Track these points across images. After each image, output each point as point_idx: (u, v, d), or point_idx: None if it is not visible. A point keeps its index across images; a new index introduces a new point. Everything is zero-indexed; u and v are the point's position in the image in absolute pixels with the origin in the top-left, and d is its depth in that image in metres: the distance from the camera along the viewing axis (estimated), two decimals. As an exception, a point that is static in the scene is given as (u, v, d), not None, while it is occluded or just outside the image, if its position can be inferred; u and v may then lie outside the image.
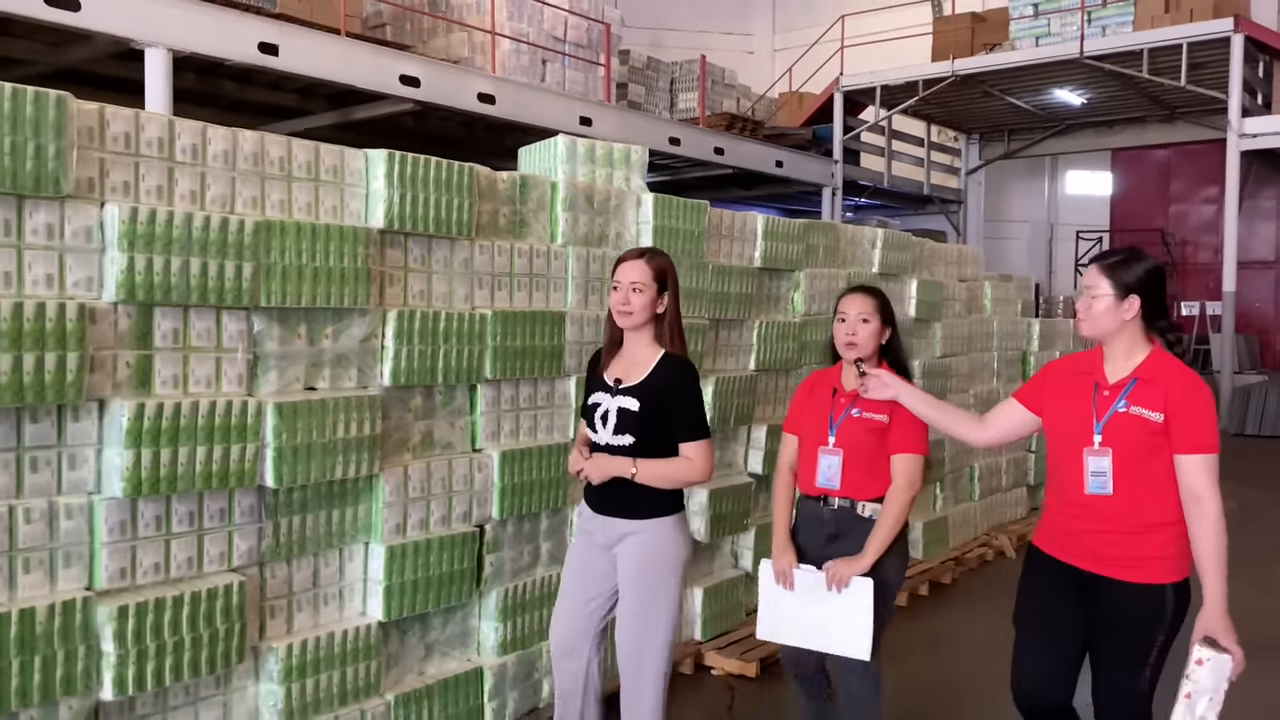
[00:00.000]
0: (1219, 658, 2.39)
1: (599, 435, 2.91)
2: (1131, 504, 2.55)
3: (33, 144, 2.40)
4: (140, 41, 7.66)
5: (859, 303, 3.11)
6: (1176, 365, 2.58)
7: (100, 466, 2.58)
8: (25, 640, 2.40)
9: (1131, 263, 2.59)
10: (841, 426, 3.07)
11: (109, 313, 2.56)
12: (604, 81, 11.94)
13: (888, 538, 2.96)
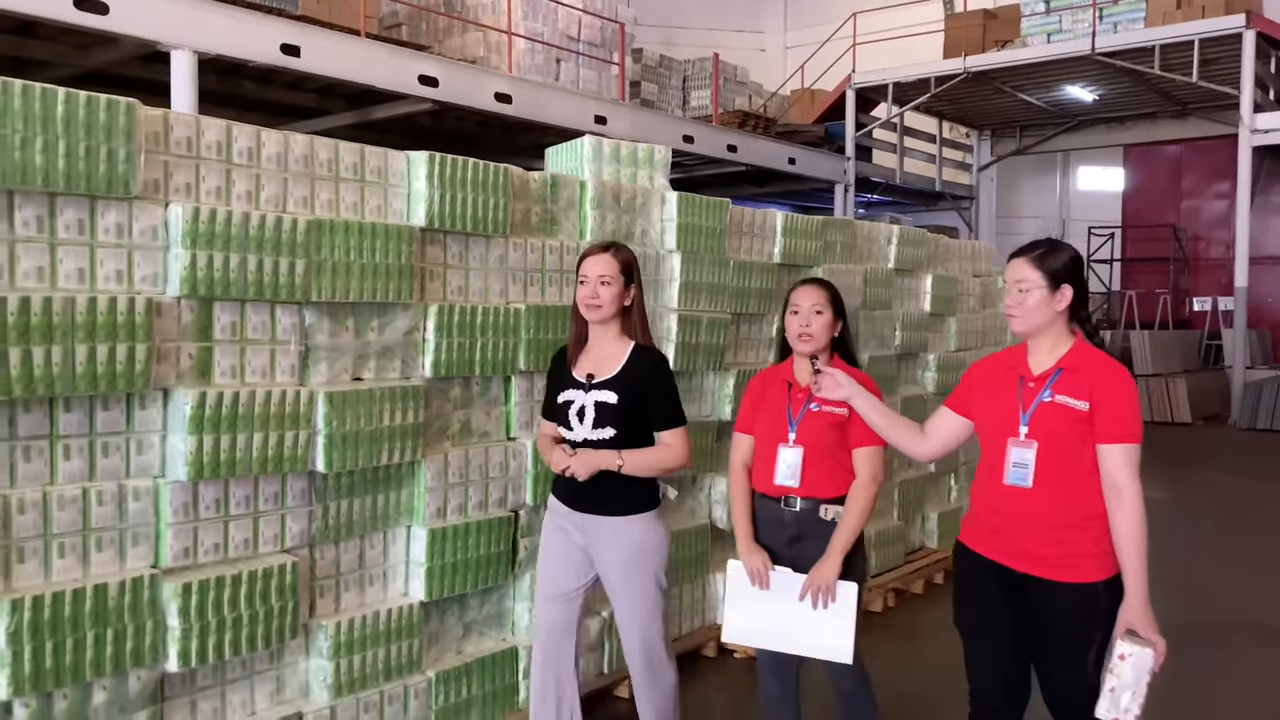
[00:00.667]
0: (1141, 651, 2.38)
1: (575, 432, 2.93)
2: (1056, 498, 2.50)
3: (104, 148, 2.57)
4: (166, 44, 7.85)
5: (812, 294, 3.08)
6: (1100, 355, 2.55)
7: (165, 452, 2.75)
8: (98, 614, 2.57)
9: (1058, 252, 2.55)
10: (802, 422, 3.02)
11: (173, 307, 2.73)
12: (618, 80, 12.09)
13: (853, 534, 2.93)
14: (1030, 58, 13.30)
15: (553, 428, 3.04)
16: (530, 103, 10.53)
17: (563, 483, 3.00)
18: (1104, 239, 18.60)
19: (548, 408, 3.08)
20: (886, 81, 14.38)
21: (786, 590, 2.95)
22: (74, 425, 2.59)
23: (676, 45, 16.80)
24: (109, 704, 2.65)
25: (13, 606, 2.43)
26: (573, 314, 3.00)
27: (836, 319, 3.10)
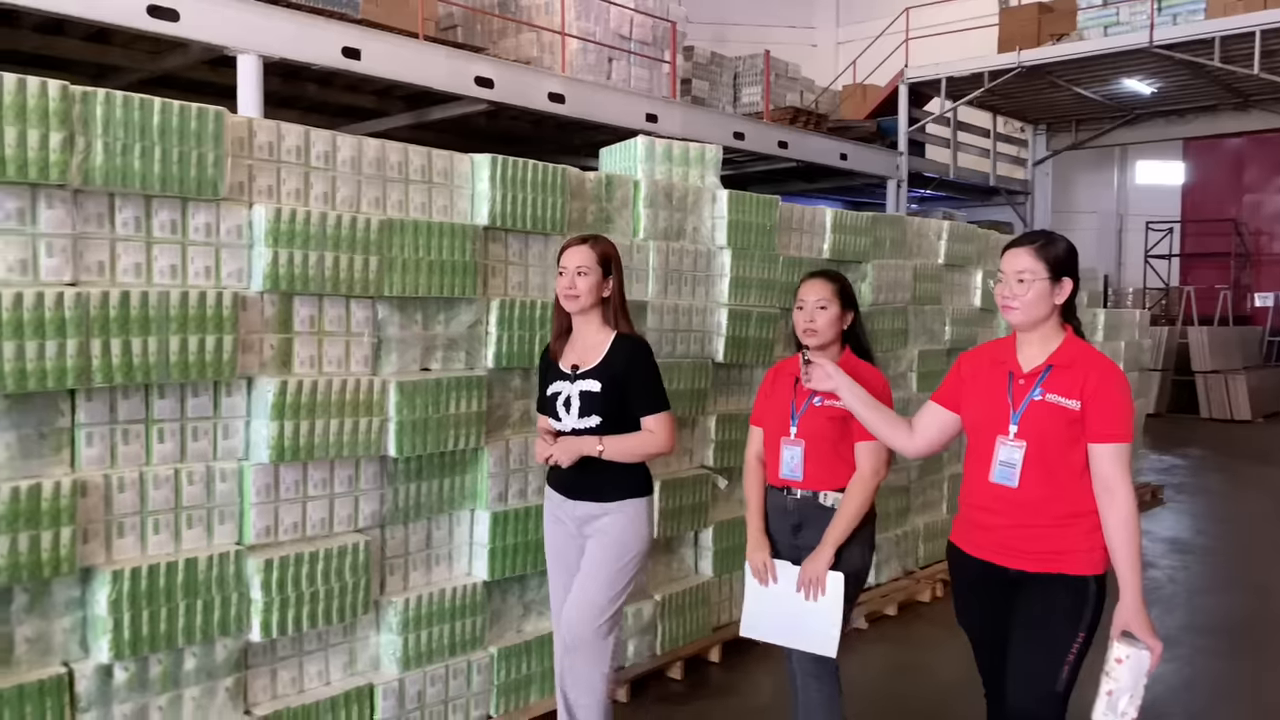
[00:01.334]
0: (1138, 654, 2.33)
1: (563, 422, 2.97)
2: (1047, 495, 2.44)
3: (195, 153, 2.78)
4: (234, 48, 8.13)
5: (817, 289, 3.06)
6: (1091, 351, 2.49)
7: (249, 436, 2.96)
8: (189, 586, 2.78)
9: (1056, 242, 2.51)
10: (804, 417, 3.02)
11: (257, 301, 2.94)
12: (669, 79, 12.22)
13: (848, 528, 2.91)
14: (1087, 51, 13.16)
15: (546, 421, 3.06)
16: (583, 102, 10.70)
17: (556, 472, 3.02)
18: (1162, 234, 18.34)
19: (540, 401, 3.11)
20: (940, 76, 14.31)
21: (787, 582, 2.97)
22: (167, 410, 2.81)
23: (727, 42, 16.88)
24: (198, 670, 2.86)
25: (114, 577, 2.65)
26: (555, 307, 3.04)
27: (845, 312, 3.08)
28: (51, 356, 2.50)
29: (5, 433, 2.53)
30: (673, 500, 4.14)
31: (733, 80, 15.08)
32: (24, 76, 2.47)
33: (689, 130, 11.65)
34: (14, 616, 2.58)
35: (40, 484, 2.52)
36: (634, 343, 2.98)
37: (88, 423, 2.66)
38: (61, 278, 2.59)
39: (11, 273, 2.51)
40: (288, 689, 3.10)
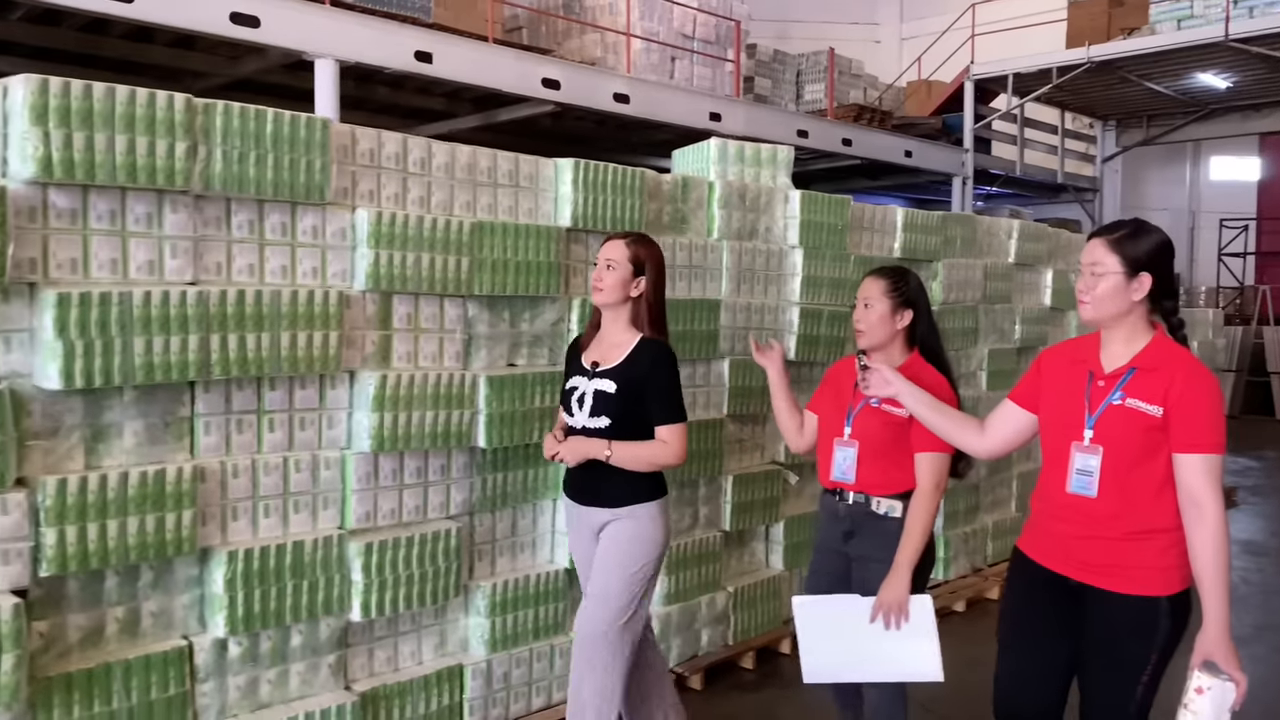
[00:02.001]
0: (1221, 685, 2.16)
1: (575, 419, 2.92)
2: (1121, 508, 2.31)
3: (304, 160, 2.97)
4: (311, 53, 8.41)
5: (866, 286, 2.97)
6: (1181, 354, 2.33)
7: (351, 427, 3.15)
8: (297, 567, 2.98)
9: (1140, 236, 2.33)
10: (858, 418, 2.92)
11: (359, 299, 3.13)
12: (733, 77, 12.31)
13: (918, 546, 2.76)
14: (1159, 46, 12.97)
15: (563, 416, 3.05)
16: (647, 102, 10.84)
17: (568, 476, 3.01)
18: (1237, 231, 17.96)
19: (562, 393, 3.08)
20: (1007, 72, 14.19)
21: (857, 616, 2.76)
22: (277, 402, 3.00)
23: (790, 39, 16.91)
24: (303, 646, 3.06)
25: (229, 558, 2.85)
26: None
27: (901, 310, 2.93)
28: (176, 351, 2.70)
29: (133, 421, 2.74)
30: (744, 495, 4.27)
31: (795, 78, 15.11)
32: (153, 90, 2.68)
33: (752, 129, 11.73)
34: (140, 592, 2.79)
35: (165, 469, 2.73)
36: (658, 347, 2.90)
37: (206, 413, 2.87)
38: (184, 277, 2.79)
39: (140, 272, 2.72)
40: (384, 667, 3.29)
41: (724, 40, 12.52)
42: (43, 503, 2.54)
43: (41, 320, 2.53)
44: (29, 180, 2.51)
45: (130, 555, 2.68)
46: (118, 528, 2.65)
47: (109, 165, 2.59)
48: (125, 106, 2.62)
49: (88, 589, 2.70)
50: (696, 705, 3.95)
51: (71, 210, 2.60)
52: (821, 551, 3.06)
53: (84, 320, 2.54)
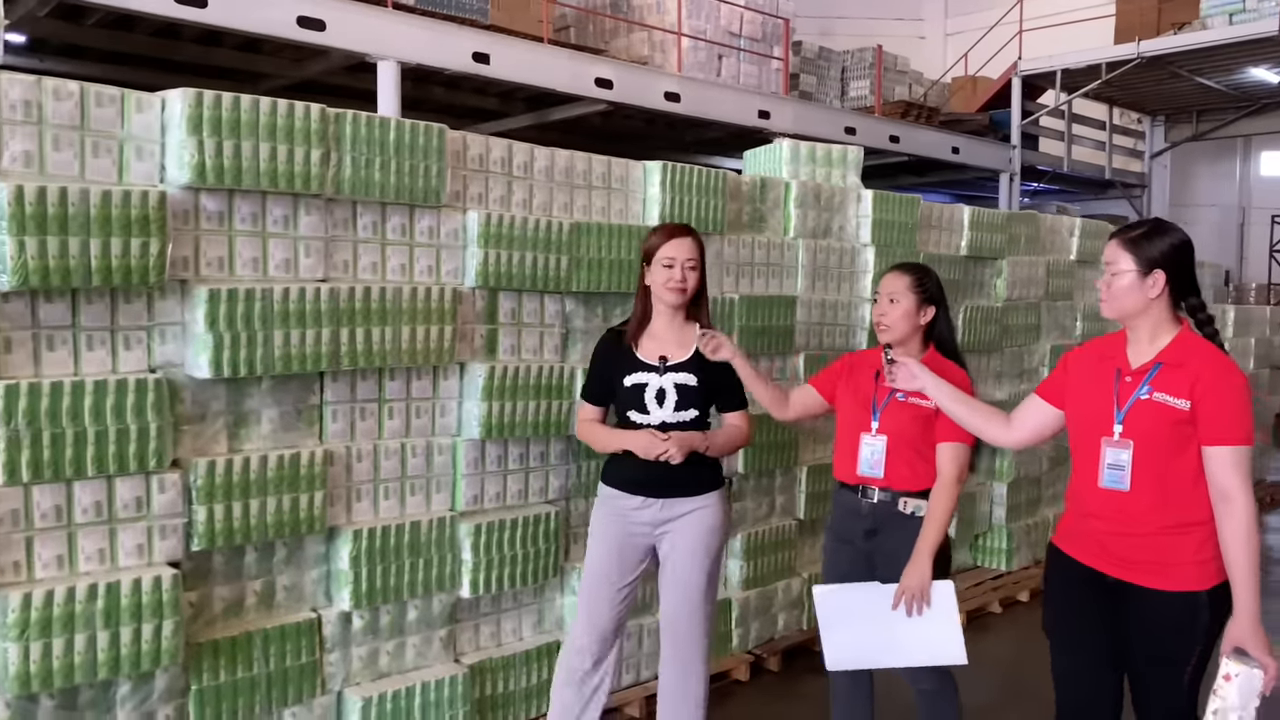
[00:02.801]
0: (1249, 672, 2.23)
1: (651, 415, 2.95)
2: (1154, 502, 2.36)
3: (422, 165, 3.20)
4: (374, 55, 8.68)
5: (889, 282, 3.03)
6: (1206, 348, 2.39)
7: (461, 415, 3.38)
8: (413, 546, 3.21)
9: (1155, 236, 2.39)
10: (885, 411, 2.96)
11: (469, 296, 3.35)
12: (781, 75, 12.47)
13: (939, 534, 2.83)
14: (1211, 41, 12.97)
15: (595, 412, 3.09)
16: (697, 100, 11.04)
17: (626, 469, 2.99)
18: (1289, 227, 17.85)
19: (600, 391, 3.08)
20: (1055, 68, 14.23)
21: (878, 603, 2.84)
22: (396, 391, 3.24)
23: (834, 35, 17.01)
24: (418, 620, 3.29)
25: (354, 536, 3.09)
26: (640, 296, 3.04)
27: (924, 306, 2.99)
28: (310, 343, 2.94)
29: (270, 409, 2.99)
30: (818, 485, 4.46)
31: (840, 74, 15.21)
32: (292, 101, 2.92)
33: (800, 126, 11.90)
34: (275, 567, 3.04)
35: (299, 453, 2.97)
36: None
37: (333, 401, 3.11)
38: (316, 275, 3.03)
39: (278, 270, 2.96)
40: (488, 642, 3.52)
41: (770, 38, 12.68)
42: (194, 482, 2.78)
43: (193, 314, 2.77)
44: (184, 185, 2.76)
45: (268, 532, 2.92)
46: (258, 506, 2.89)
47: (254, 171, 2.83)
48: (267, 117, 2.86)
49: (230, 563, 2.95)
50: (774, 686, 4.16)
51: (219, 213, 2.85)
52: (839, 544, 3.09)
53: (231, 314, 2.78)
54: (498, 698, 3.47)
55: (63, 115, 2.61)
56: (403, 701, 3.19)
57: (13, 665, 2.47)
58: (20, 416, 2.50)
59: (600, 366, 3.08)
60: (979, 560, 5.59)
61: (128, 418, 2.65)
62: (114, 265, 2.59)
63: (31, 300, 2.57)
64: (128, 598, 2.62)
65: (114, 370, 2.70)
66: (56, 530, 2.60)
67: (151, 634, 2.66)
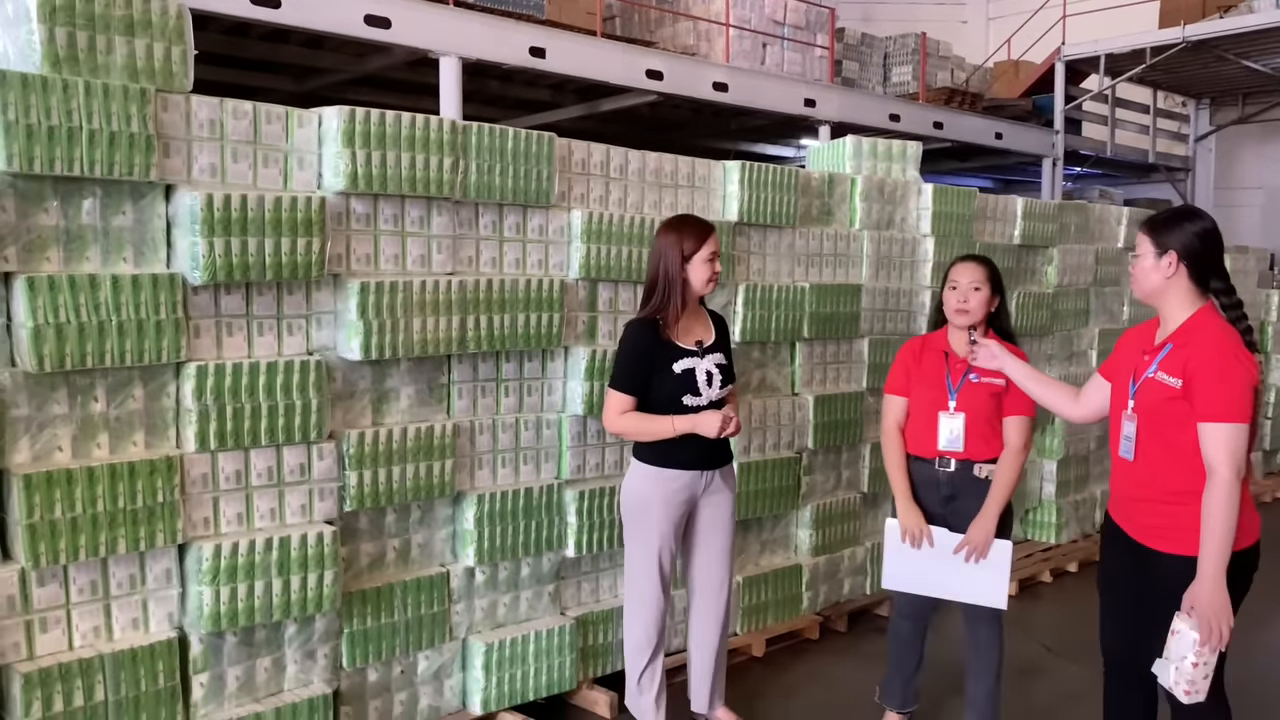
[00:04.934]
0: (1186, 632, 2.47)
1: (703, 396, 3.27)
2: (1156, 471, 2.61)
3: (535, 170, 3.62)
4: (437, 51, 9.11)
5: (971, 271, 3.36)
6: (1209, 330, 2.57)
7: (565, 394, 3.80)
8: (527, 509, 3.65)
9: (1174, 221, 2.64)
10: (962, 391, 3.32)
11: (573, 286, 3.78)
12: (827, 64, 12.79)
13: (1005, 497, 3.26)
14: (1258, 24, 13.10)
15: (632, 402, 3.27)
16: (745, 90, 11.38)
17: (696, 449, 3.28)
18: (1337, 210, 17.90)
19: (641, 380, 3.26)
20: (1099, 53, 14.41)
21: (943, 545, 3.30)
22: (511, 372, 3.67)
23: (876, 21, 17.27)
24: (530, 576, 3.74)
25: (478, 500, 3.53)
26: (680, 287, 3.25)
27: (994, 295, 3.37)
28: (442, 329, 3.37)
29: (407, 387, 3.43)
30: (877, 459, 4.85)
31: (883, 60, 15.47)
32: (428, 116, 3.35)
33: (845, 114, 12.22)
34: (411, 527, 3.49)
35: (433, 426, 3.41)
36: (721, 317, 3.50)
37: (459, 380, 3.55)
38: (445, 269, 3.47)
39: (415, 265, 3.40)
40: (588, 598, 3.96)
41: (814, 25, 12.99)
42: (347, 451, 3.23)
43: (346, 304, 3.21)
44: (338, 191, 3.20)
45: (407, 495, 3.37)
46: (399, 473, 3.33)
47: (396, 178, 3.27)
48: (408, 130, 3.29)
49: (373, 523, 3.40)
50: (840, 645, 4.58)
51: (366, 215, 3.29)
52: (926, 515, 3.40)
53: (378, 304, 3.22)
54: (597, 647, 3.91)
55: (240, 131, 3.05)
56: (519, 648, 3.63)
57: (207, 606, 2.93)
58: (209, 393, 2.95)
59: (642, 357, 3.26)
60: (1029, 534, 5.97)
61: (293, 394, 3.09)
62: (283, 261, 3.04)
63: (215, 293, 3.01)
64: (296, 550, 3.07)
65: (280, 353, 3.15)
66: (237, 492, 3.06)
67: (315, 582, 3.11)
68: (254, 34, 9.19)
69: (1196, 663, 2.47)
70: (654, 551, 3.34)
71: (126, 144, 2.77)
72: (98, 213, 2.81)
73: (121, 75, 2.82)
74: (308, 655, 3.22)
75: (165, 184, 2.91)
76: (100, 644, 2.84)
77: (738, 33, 12.08)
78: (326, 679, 3.26)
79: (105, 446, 2.86)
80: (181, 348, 2.90)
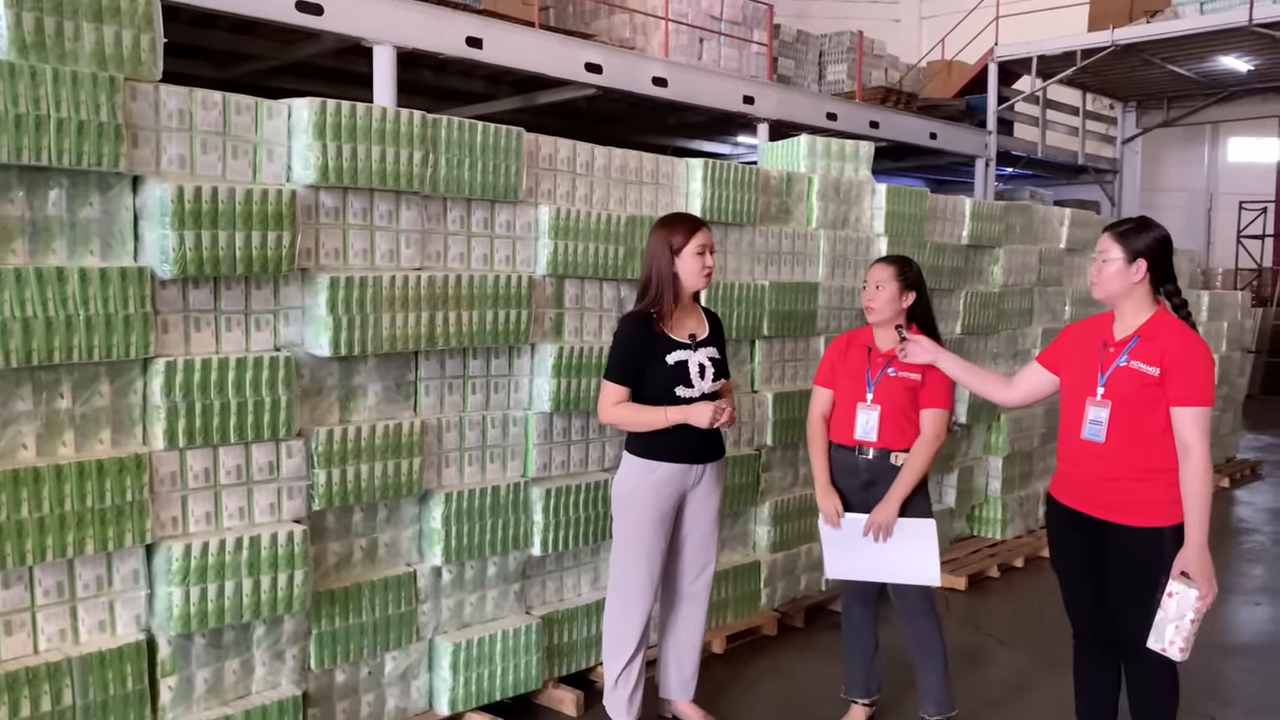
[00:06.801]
0: (1186, 592, 2.79)
1: (696, 388, 3.41)
2: (1126, 452, 2.92)
3: (503, 165, 3.68)
4: (370, 40, 9.07)
5: (875, 271, 3.64)
6: (1177, 325, 2.95)
7: (532, 391, 3.87)
8: (494, 508, 3.71)
9: (1141, 231, 2.96)
10: (879, 385, 3.56)
11: (541, 282, 3.85)
12: (764, 60, 13.01)
13: (912, 483, 3.49)
14: (1183, 30, 13.70)
15: (626, 393, 3.40)
16: (684, 85, 11.52)
17: (687, 442, 3.41)
18: (1256, 213, 18.79)
19: (634, 372, 3.40)
20: (1031, 54, 14.92)
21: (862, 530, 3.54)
22: (477, 369, 3.73)
23: (810, 19, 17.60)
24: (496, 575, 3.80)
25: (446, 498, 3.58)
26: (671, 282, 3.41)
27: (906, 291, 3.58)
28: (411, 325, 3.42)
29: (374, 384, 3.47)
30: (835, 457, 5.01)
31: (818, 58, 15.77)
32: (399, 109, 3.39)
33: (783, 112, 12.45)
34: (378, 526, 3.53)
35: (400, 423, 3.46)
36: (715, 314, 3.67)
37: (426, 377, 3.59)
38: (414, 264, 3.51)
39: (383, 260, 3.44)
40: (552, 597, 4.04)
41: (750, 21, 13.20)
42: (316, 449, 3.26)
43: (315, 299, 3.24)
44: (308, 185, 3.22)
45: (376, 494, 3.41)
46: (368, 470, 3.37)
47: (367, 171, 3.31)
48: (378, 122, 3.33)
49: (340, 522, 3.43)
50: (800, 640, 4.72)
51: (336, 209, 3.32)
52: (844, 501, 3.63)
53: (348, 300, 3.25)
54: (563, 646, 3.99)
55: (209, 122, 3.06)
56: (486, 648, 3.69)
57: (176, 607, 2.94)
58: (178, 390, 2.96)
59: (635, 349, 3.41)
60: (975, 530, 6.20)
61: (262, 391, 3.11)
62: (253, 255, 3.06)
63: (183, 287, 3.02)
64: (266, 550, 3.09)
65: (248, 349, 3.17)
66: (206, 490, 3.07)
67: (285, 582, 3.13)
68: (181, 18, 9.05)
69: (1194, 619, 2.78)
70: (641, 545, 3.44)
71: (95, 133, 2.77)
72: (64, 204, 2.81)
73: (90, 63, 2.81)
74: (276, 656, 3.24)
75: (133, 175, 2.91)
76: (67, 647, 2.84)
77: (675, 27, 12.22)
78: (295, 680, 3.28)
79: (71, 444, 2.85)
80: (150, 343, 2.90)
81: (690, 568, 3.62)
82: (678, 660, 3.66)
